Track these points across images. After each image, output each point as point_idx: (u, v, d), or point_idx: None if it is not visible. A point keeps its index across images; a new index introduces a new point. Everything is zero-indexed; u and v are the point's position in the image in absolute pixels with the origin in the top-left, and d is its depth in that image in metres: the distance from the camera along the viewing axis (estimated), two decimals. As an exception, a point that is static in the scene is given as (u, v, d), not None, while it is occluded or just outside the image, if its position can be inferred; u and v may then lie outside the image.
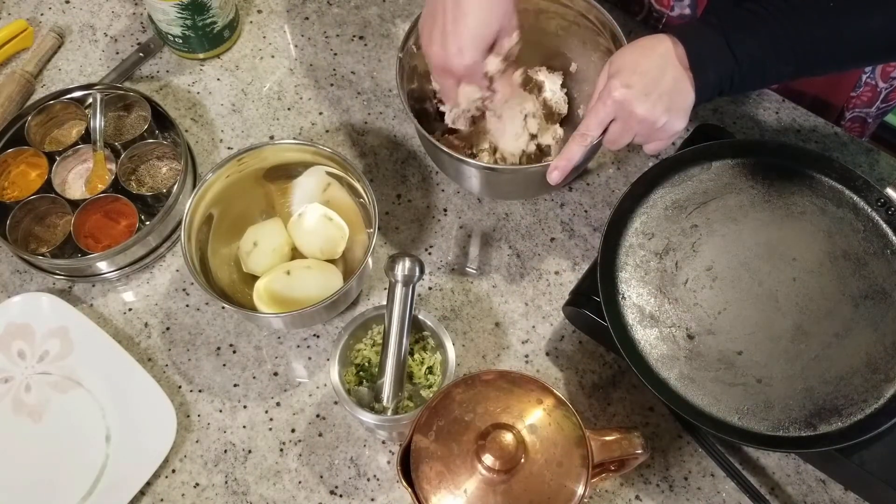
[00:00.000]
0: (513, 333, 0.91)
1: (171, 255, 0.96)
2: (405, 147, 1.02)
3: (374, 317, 0.83)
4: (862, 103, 1.03)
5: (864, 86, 1.01)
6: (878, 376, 0.77)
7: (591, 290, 0.82)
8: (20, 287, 0.94)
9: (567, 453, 0.69)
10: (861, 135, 1.08)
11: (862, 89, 1.01)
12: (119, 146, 0.97)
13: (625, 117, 0.78)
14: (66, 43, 1.09)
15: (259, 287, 0.89)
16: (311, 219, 0.92)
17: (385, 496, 0.84)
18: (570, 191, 0.99)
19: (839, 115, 1.06)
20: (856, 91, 1.02)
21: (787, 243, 0.83)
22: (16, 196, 0.95)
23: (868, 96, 1.02)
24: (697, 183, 0.86)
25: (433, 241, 0.96)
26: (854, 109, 1.04)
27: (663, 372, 0.79)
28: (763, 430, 0.77)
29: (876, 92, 1.01)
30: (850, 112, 1.05)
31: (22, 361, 0.89)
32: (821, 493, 0.84)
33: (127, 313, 0.93)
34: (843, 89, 1.03)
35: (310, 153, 0.91)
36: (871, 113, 1.05)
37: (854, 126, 1.07)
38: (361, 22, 1.10)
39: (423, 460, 0.69)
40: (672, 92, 0.77)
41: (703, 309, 0.81)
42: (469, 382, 0.72)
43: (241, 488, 0.85)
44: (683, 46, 0.77)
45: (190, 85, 1.06)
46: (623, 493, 0.84)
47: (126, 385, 0.87)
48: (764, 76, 0.79)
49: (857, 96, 1.02)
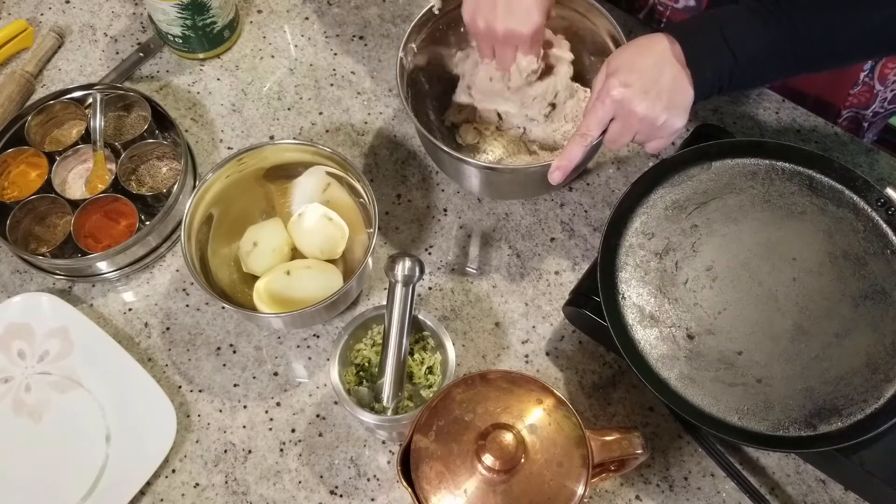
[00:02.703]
0: (513, 333, 0.91)
1: (171, 255, 0.96)
2: (405, 147, 1.02)
3: (374, 317, 0.83)
4: (858, 103, 1.03)
5: (862, 85, 1.00)
6: (878, 376, 0.77)
7: (591, 290, 0.82)
8: (20, 287, 0.94)
9: (567, 453, 0.69)
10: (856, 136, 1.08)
11: (859, 88, 1.01)
12: (119, 146, 0.97)
13: (624, 116, 0.78)
14: (66, 43, 1.09)
15: (259, 287, 0.89)
16: (311, 219, 0.92)
17: (385, 496, 0.84)
18: (570, 191, 0.99)
19: (837, 115, 1.06)
20: (854, 90, 1.01)
21: (787, 243, 0.83)
22: (16, 196, 0.95)
23: (865, 97, 1.02)
24: (697, 183, 0.86)
25: (433, 241, 0.96)
26: (850, 109, 1.04)
27: (663, 372, 0.79)
28: (763, 430, 0.77)
29: (872, 94, 1.01)
30: (846, 111, 1.05)
31: (22, 361, 0.89)
32: (821, 493, 0.84)
33: (127, 313, 0.93)
34: (843, 87, 1.02)
35: (310, 153, 0.91)
36: (867, 115, 1.05)
37: (850, 127, 1.06)
38: (361, 22, 1.10)
39: (423, 460, 0.69)
40: (671, 90, 0.77)
41: (703, 309, 0.81)
42: (469, 382, 0.72)
43: (241, 488, 0.85)
44: (681, 44, 0.77)
45: (190, 85, 1.06)
46: (623, 493, 0.84)
47: (126, 385, 0.87)
48: (763, 73, 0.79)
49: (854, 95, 1.02)
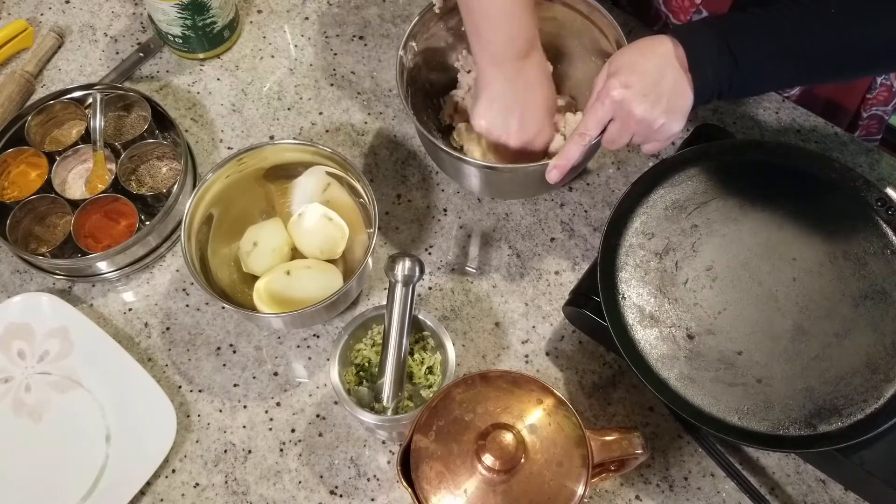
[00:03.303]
0: (513, 333, 0.91)
1: (171, 255, 0.96)
2: (405, 147, 1.02)
3: (374, 317, 0.83)
4: (879, 102, 1.03)
5: (880, 86, 1.01)
6: (878, 376, 0.77)
7: (591, 290, 0.82)
8: (20, 287, 0.94)
9: (567, 453, 0.69)
10: (878, 131, 1.08)
11: (878, 90, 1.01)
12: (119, 146, 0.97)
13: (623, 117, 0.78)
14: (66, 43, 1.09)
15: (259, 287, 0.89)
16: (311, 219, 0.92)
17: (385, 496, 0.84)
18: (570, 191, 0.99)
19: (854, 116, 1.05)
20: (871, 93, 1.01)
21: (787, 243, 0.83)
22: (16, 196, 0.95)
23: (884, 95, 1.02)
24: (697, 183, 0.86)
25: (433, 241, 0.96)
26: (871, 109, 1.04)
27: (663, 372, 0.79)
28: (763, 430, 0.77)
29: (892, 92, 1.01)
30: (868, 111, 1.04)
31: (22, 361, 0.89)
32: (821, 493, 0.84)
33: (127, 313, 0.93)
34: (857, 92, 1.03)
35: (310, 153, 0.91)
36: (889, 111, 1.05)
37: (872, 123, 1.06)
38: (361, 22, 1.10)
39: (423, 460, 0.69)
40: (671, 93, 0.76)
41: (703, 309, 0.81)
42: (469, 382, 0.72)
43: (241, 488, 0.85)
44: (683, 48, 0.76)
45: (190, 85, 1.06)
46: (623, 493, 0.84)
47: (126, 385, 0.87)
48: (763, 81, 0.79)
49: (873, 97, 1.02)
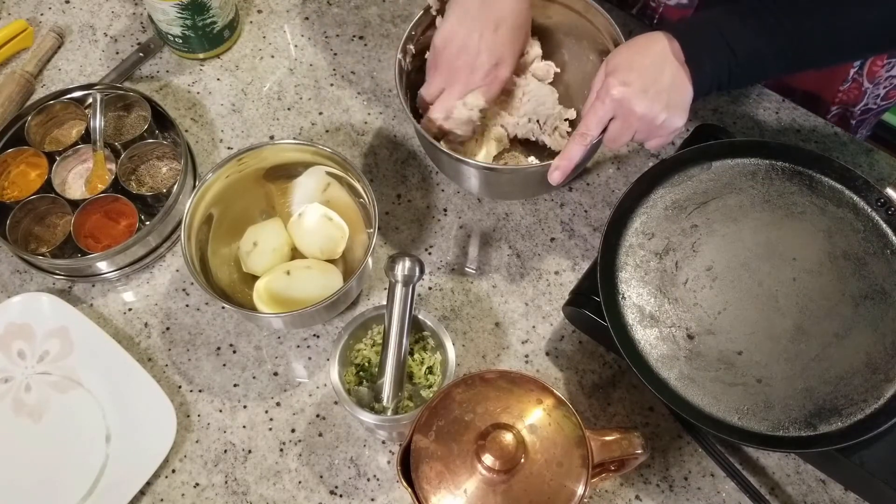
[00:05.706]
0: (513, 333, 0.91)
1: (171, 255, 0.96)
2: (405, 147, 1.02)
3: (374, 317, 0.83)
4: (847, 100, 1.03)
5: (852, 81, 1.00)
6: (878, 376, 0.77)
7: (591, 290, 0.82)
8: (20, 287, 0.94)
9: (567, 453, 0.69)
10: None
11: (849, 84, 1.01)
12: (119, 146, 0.97)
13: (624, 115, 0.78)
14: (66, 43, 1.09)
15: (259, 287, 0.89)
16: (311, 219, 0.92)
17: (385, 496, 0.84)
18: (570, 191, 0.99)
19: (827, 111, 1.05)
20: (843, 86, 1.01)
21: (787, 243, 0.83)
22: (16, 196, 0.95)
23: (854, 93, 1.02)
24: (697, 183, 0.86)
25: (433, 241, 0.96)
26: (839, 105, 1.04)
27: (663, 372, 0.79)
28: (763, 430, 0.77)
29: (861, 91, 1.01)
30: (835, 108, 1.04)
31: (22, 361, 0.89)
32: (821, 493, 0.84)
33: (127, 313, 0.93)
34: (833, 83, 1.02)
35: (310, 153, 0.91)
36: (855, 112, 1.04)
37: (839, 123, 1.06)
38: (361, 22, 1.10)
39: (423, 460, 0.69)
40: (670, 88, 0.77)
41: (703, 309, 0.81)
42: (469, 382, 0.72)
43: (241, 488, 0.85)
44: (680, 42, 0.77)
45: (190, 85, 1.06)
46: (623, 493, 0.84)
47: (126, 385, 0.87)
48: (762, 69, 0.79)
49: (843, 91, 1.02)
